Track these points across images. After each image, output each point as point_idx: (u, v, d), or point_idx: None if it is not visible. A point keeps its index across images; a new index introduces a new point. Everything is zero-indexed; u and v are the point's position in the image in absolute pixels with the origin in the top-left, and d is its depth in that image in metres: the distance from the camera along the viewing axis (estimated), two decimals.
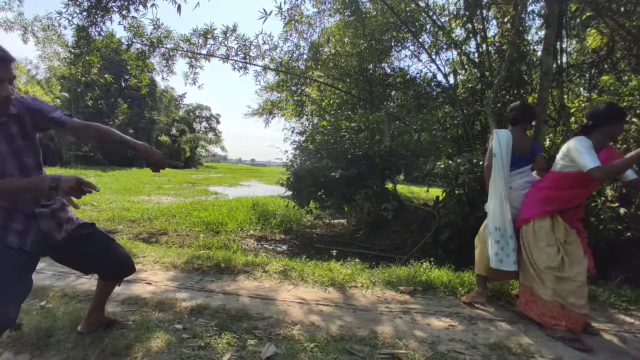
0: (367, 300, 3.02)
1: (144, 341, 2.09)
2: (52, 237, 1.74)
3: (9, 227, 1.60)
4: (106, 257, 1.93)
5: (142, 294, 2.81)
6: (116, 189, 12.46)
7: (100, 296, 2.15)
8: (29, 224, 1.66)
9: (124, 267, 2.02)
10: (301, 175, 6.78)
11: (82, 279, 3.09)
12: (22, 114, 1.63)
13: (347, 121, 7.36)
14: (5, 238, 1.59)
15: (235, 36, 7.45)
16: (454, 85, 7.42)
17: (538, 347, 2.34)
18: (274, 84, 10.49)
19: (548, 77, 4.58)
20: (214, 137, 53.14)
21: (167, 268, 3.57)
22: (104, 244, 1.94)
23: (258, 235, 7.06)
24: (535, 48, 6.32)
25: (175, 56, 7.70)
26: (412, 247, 5.91)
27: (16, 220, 1.62)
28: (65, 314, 2.33)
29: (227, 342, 2.15)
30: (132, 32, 7.08)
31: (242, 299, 2.86)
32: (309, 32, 8.86)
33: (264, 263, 3.78)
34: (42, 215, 1.71)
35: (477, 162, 4.80)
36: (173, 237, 6.07)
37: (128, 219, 7.12)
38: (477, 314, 2.84)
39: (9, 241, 1.59)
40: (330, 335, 2.32)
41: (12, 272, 1.56)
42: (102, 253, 1.91)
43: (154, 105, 34.44)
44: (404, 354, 2.13)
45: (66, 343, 2.02)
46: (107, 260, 1.94)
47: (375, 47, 8.72)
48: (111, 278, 2.07)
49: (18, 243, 1.61)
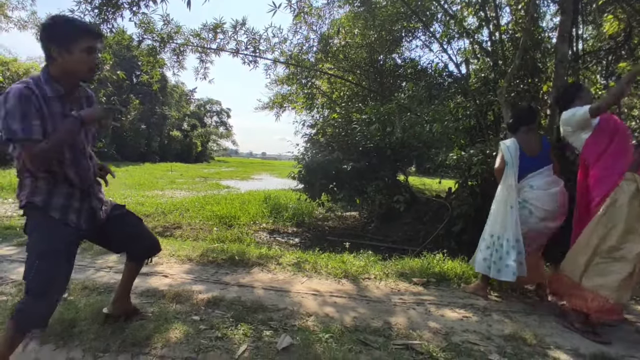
0: (381, 291, 3.03)
1: (163, 332, 2.14)
2: (98, 216, 1.90)
3: (70, 205, 1.75)
4: (138, 236, 2.10)
5: (160, 287, 2.87)
6: (130, 184, 12.65)
7: (127, 279, 2.22)
8: (83, 203, 1.81)
9: (152, 246, 2.16)
10: (312, 168, 6.80)
11: (101, 272, 3.17)
12: (92, 97, 1.91)
13: (357, 113, 7.33)
14: (67, 217, 1.73)
15: (244, 30, 7.44)
16: (466, 75, 7.31)
17: (554, 338, 2.33)
18: (284, 77, 10.46)
19: (563, 65, 4.49)
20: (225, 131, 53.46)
21: (183, 261, 3.64)
22: (136, 224, 2.11)
23: (270, 228, 7.12)
24: (550, 35, 6.18)
25: (186, 51, 7.73)
26: (424, 239, 5.90)
27: (74, 200, 1.77)
28: (87, 305, 2.39)
29: (243, 333, 2.19)
30: (142, 29, 7.14)
31: (257, 291, 2.90)
32: (319, 24, 8.80)
33: (278, 256, 3.81)
34: (93, 193, 1.86)
35: (490, 152, 4.74)
36: (187, 231, 6.16)
37: (142, 214, 7.24)
38: (492, 306, 2.83)
39: (70, 220, 1.74)
40: (345, 326, 2.34)
41: (71, 252, 1.74)
42: (134, 233, 2.08)
43: (165, 100, 34.73)
44: (418, 345, 2.14)
45: (88, 334, 2.08)
46: (138, 239, 2.10)
47: (386, 37, 8.62)
48: (140, 257, 2.19)
49: (76, 222, 1.77)
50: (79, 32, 1.65)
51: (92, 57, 1.70)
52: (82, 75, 1.72)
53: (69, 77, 1.70)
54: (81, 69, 1.68)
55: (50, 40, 1.62)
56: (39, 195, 1.68)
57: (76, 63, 1.65)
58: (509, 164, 2.86)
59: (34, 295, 1.62)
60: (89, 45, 1.67)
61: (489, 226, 2.94)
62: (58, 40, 1.62)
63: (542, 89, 5.77)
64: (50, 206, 1.69)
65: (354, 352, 2.04)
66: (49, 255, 1.64)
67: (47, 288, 1.63)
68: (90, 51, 1.68)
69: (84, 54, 1.66)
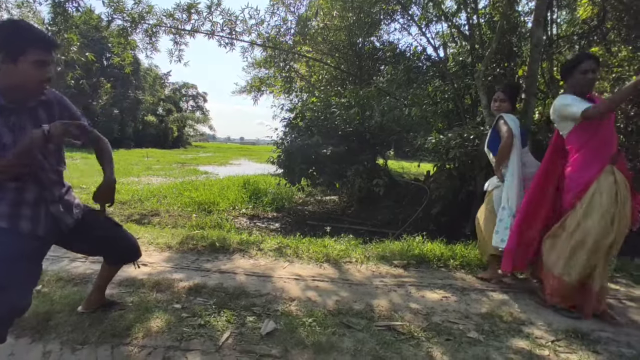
0: (362, 275, 3.07)
1: (144, 322, 2.11)
2: (62, 222, 1.77)
3: (19, 214, 1.61)
4: (113, 242, 2.01)
5: (139, 276, 2.81)
6: None
7: (102, 280, 2.17)
8: (38, 209, 1.67)
9: (130, 252, 2.09)
10: (292, 152, 6.75)
11: (76, 262, 3.08)
12: (52, 102, 1.71)
13: (337, 97, 7.28)
14: (18, 225, 1.60)
15: (220, 10, 7.22)
16: (444, 58, 7.36)
17: (528, 315, 2.43)
18: (262, 60, 10.29)
19: (538, 49, 4.56)
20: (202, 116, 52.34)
21: (162, 249, 3.57)
22: (111, 229, 2.02)
23: (250, 213, 7.07)
24: (525, 20, 6.26)
25: (159, 32, 7.44)
26: (403, 221, 5.99)
27: (25, 206, 1.62)
28: (62, 297, 2.33)
29: (226, 320, 2.18)
30: (111, 8, 6.82)
31: (239, 277, 2.89)
32: (296, 5, 8.66)
33: (259, 241, 3.80)
34: (50, 199, 1.71)
35: (468, 136, 4.82)
36: (165, 218, 6.04)
37: (118, 201, 7.05)
38: (470, 285, 2.92)
39: (22, 228, 1.60)
40: (328, 310, 2.36)
41: (27, 259, 1.59)
42: (110, 238, 2.00)
43: (139, 84, 33.55)
44: (399, 326, 2.18)
45: (65, 326, 2.02)
46: (114, 245, 2.02)
47: (364, 20, 8.54)
48: (117, 263, 2.13)
49: (31, 229, 1.63)
50: (28, 43, 1.48)
51: (43, 71, 1.54)
52: (28, 89, 1.56)
53: (15, 90, 1.54)
54: (27, 82, 1.53)
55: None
56: None
57: (22, 76, 1.50)
58: (516, 136, 2.85)
59: None
60: (39, 59, 1.51)
61: (506, 199, 2.87)
62: (4, 48, 1.47)
63: (518, 73, 5.87)
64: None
65: (338, 334, 2.06)
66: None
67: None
68: (41, 65, 1.52)
69: (31, 67, 1.50)
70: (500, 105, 3.04)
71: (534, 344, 2.05)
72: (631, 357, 1.98)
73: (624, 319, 2.43)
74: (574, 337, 2.14)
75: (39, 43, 1.51)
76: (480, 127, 5.02)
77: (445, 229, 5.07)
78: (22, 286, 1.52)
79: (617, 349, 2.04)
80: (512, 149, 2.86)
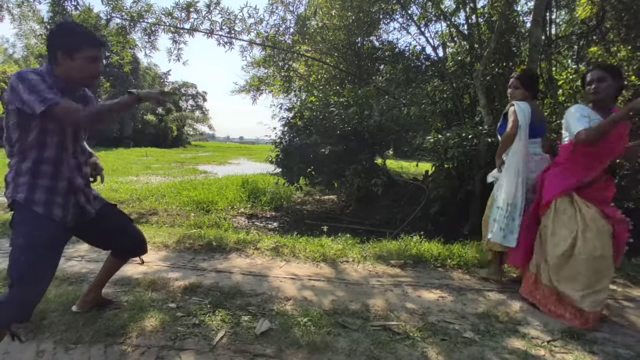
0: (359, 274, 3.06)
1: (138, 320, 2.10)
2: (86, 212, 1.89)
3: (54, 200, 1.71)
4: (127, 235, 2.12)
5: (134, 275, 2.80)
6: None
7: (106, 273, 2.22)
8: (68, 197, 1.78)
9: (140, 246, 2.17)
10: (290, 152, 6.74)
11: (72, 262, 3.07)
12: (88, 98, 1.91)
13: (335, 96, 7.27)
14: (52, 213, 1.70)
15: (219, 9, 7.22)
16: (443, 58, 7.35)
17: (524, 315, 2.42)
18: (261, 59, 10.26)
19: (537, 49, 4.56)
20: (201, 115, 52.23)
21: (159, 248, 3.56)
22: (125, 223, 2.14)
23: (249, 213, 7.06)
24: (524, 19, 6.25)
25: (158, 31, 7.44)
26: (401, 221, 5.98)
27: (57, 194, 1.72)
28: (57, 296, 2.32)
29: (221, 319, 2.17)
30: (110, 6, 6.82)
31: (235, 277, 2.88)
32: (295, 4, 8.65)
33: (256, 240, 3.79)
34: (79, 188, 1.83)
35: (467, 136, 4.81)
36: (163, 217, 6.03)
37: (117, 200, 7.03)
38: (466, 285, 2.91)
39: (55, 215, 1.71)
40: (323, 310, 2.35)
41: (56, 247, 1.74)
42: (124, 232, 2.11)
43: (138, 83, 33.48)
44: (395, 326, 2.18)
45: (59, 325, 2.02)
46: (127, 238, 2.12)
47: (364, 19, 8.53)
48: (126, 255, 2.24)
49: (62, 217, 1.74)
50: (82, 42, 1.70)
51: (94, 66, 1.75)
52: (82, 81, 1.78)
53: (69, 80, 1.74)
54: (82, 75, 1.74)
55: (56, 46, 1.68)
56: (21, 192, 1.66)
57: (78, 70, 1.71)
58: (522, 126, 2.77)
59: (17, 289, 1.59)
60: (92, 55, 1.72)
61: (505, 194, 2.81)
62: (63, 46, 1.68)
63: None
64: (32, 201, 1.66)
65: (333, 334, 2.05)
66: (31, 248, 1.62)
67: (30, 282, 1.60)
68: (93, 60, 1.73)
69: (85, 62, 1.71)
70: (513, 91, 2.97)
71: (529, 344, 2.05)
72: (628, 357, 1.97)
73: (621, 320, 2.42)
74: (569, 338, 2.13)
75: (90, 41, 1.72)
76: (479, 127, 5.01)
77: (444, 228, 5.06)
78: (51, 272, 1.71)
79: (613, 350, 2.03)
80: (514, 138, 2.80)
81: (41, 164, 1.68)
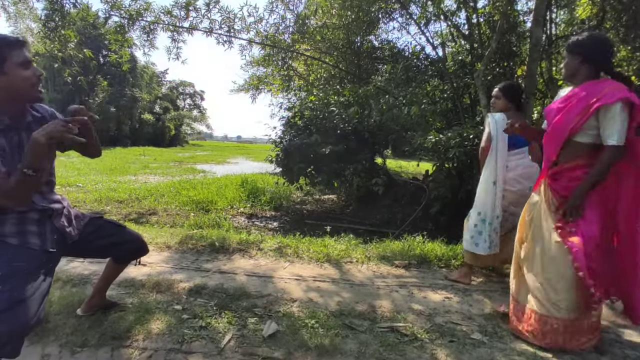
0: (363, 275, 3.06)
1: (144, 323, 2.08)
2: (68, 234, 1.76)
3: (26, 230, 1.60)
4: (121, 243, 2.02)
5: (138, 276, 2.78)
6: (101, 169, 12.21)
7: (107, 277, 2.16)
8: (43, 224, 1.67)
9: (140, 248, 2.09)
10: (290, 151, 6.73)
11: (74, 263, 3.04)
12: (46, 118, 1.68)
13: (335, 96, 7.26)
14: (27, 242, 1.59)
15: (218, 8, 7.17)
16: (443, 57, 7.34)
17: None
18: (260, 58, 10.21)
19: (537, 49, 4.56)
20: (199, 114, 52.04)
21: (161, 249, 3.54)
22: (116, 232, 2.02)
23: (248, 212, 7.05)
24: (525, 19, 6.25)
25: (156, 30, 7.39)
26: (402, 221, 5.98)
27: (29, 224, 1.62)
28: (61, 298, 2.29)
29: (227, 321, 2.15)
30: (109, 4, 6.76)
31: (240, 278, 2.87)
32: (295, 3, 8.61)
33: (259, 241, 3.77)
34: (54, 213, 1.71)
35: (467, 135, 4.81)
36: (163, 217, 6.01)
37: (115, 200, 7.01)
38: (471, 286, 2.90)
39: (31, 244, 1.60)
40: (330, 311, 2.34)
41: (40, 274, 1.57)
42: (117, 241, 2.00)
43: (135, 82, 33.29)
44: (403, 327, 2.17)
45: (64, 328, 1.99)
46: (122, 245, 2.03)
47: (363, 18, 8.49)
48: (126, 260, 2.14)
49: (40, 244, 1.63)
50: (6, 48, 1.45)
51: (32, 70, 1.52)
52: (26, 94, 1.54)
53: (13, 102, 1.52)
54: (24, 87, 1.50)
55: None
56: None
57: (15, 82, 1.48)
58: (494, 138, 2.79)
59: (1, 321, 1.40)
60: (22, 59, 1.48)
61: (475, 203, 2.90)
62: None
63: (517, 73, 5.87)
64: (4, 236, 1.56)
65: (341, 336, 2.04)
66: (10, 276, 1.48)
67: (15, 312, 1.43)
68: (25, 65, 1.49)
69: (20, 69, 1.48)
70: (495, 101, 2.97)
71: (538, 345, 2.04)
72: (635, 358, 1.97)
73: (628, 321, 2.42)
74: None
75: (14, 45, 1.47)
76: (480, 127, 5.01)
77: (444, 228, 5.07)
78: (38, 300, 1.51)
79: (620, 351, 2.04)
80: (488, 152, 2.82)
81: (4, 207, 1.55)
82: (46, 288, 1.59)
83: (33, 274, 1.54)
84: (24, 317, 1.44)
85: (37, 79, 1.54)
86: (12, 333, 1.42)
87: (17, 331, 1.43)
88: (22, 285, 1.48)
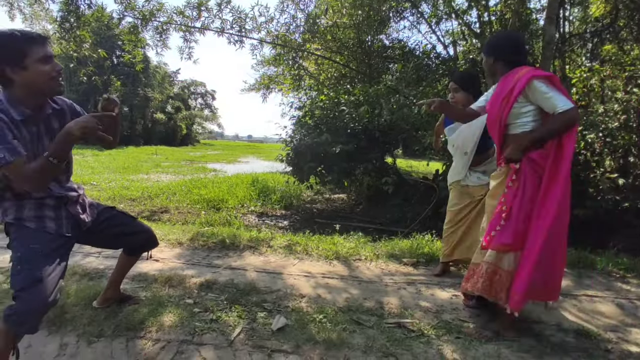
0: (372, 272, 3.08)
1: (157, 316, 2.14)
2: (82, 221, 1.85)
3: (43, 215, 1.70)
4: (132, 234, 2.07)
5: (151, 271, 2.85)
6: (114, 167, 12.43)
7: (120, 270, 2.22)
8: (59, 210, 1.75)
9: (149, 239, 2.14)
10: (301, 150, 6.76)
11: (90, 257, 3.13)
12: (65, 110, 1.76)
13: (346, 95, 7.28)
14: (44, 226, 1.69)
15: (230, 8, 7.25)
16: (454, 56, 7.32)
17: (538, 314, 2.41)
18: (271, 57, 10.30)
19: (550, 47, 4.53)
20: (210, 113, 52.55)
21: (173, 245, 3.61)
22: (128, 223, 2.08)
23: (259, 211, 7.13)
24: (537, 17, 6.20)
25: (169, 30, 7.50)
26: (412, 220, 5.98)
27: (47, 209, 1.71)
28: (78, 291, 2.38)
29: (237, 315, 2.21)
30: (123, 5, 6.89)
31: (250, 274, 2.92)
32: (306, 3, 8.63)
33: (269, 238, 3.82)
34: (69, 200, 1.79)
35: None
36: (175, 215, 6.12)
37: (128, 198, 7.15)
38: None
39: (48, 228, 1.69)
40: (338, 307, 2.38)
41: (56, 256, 1.67)
42: (128, 232, 2.05)
43: (148, 82, 33.76)
44: (410, 323, 2.19)
45: (81, 319, 2.07)
46: (133, 236, 2.08)
47: (374, 17, 8.51)
48: (137, 251, 2.19)
49: (56, 229, 1.72)
50: (25, 44, 1.48)
51: (52, 65, 1.55)
52: (47, 88, 1.58)
53: (34, 95, 1.58)
54: (44, 82, 1.54)
55: (1, 63, 1.48)
56: (10, 214, 1.65)
57: (36, 77, 1.52)
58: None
59: (20, 299, 1.52)
60: (42, 54, 1.51)
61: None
62: (8, 60, 1.47)
63: None
64: (23, 219, 1.66)
65: (348, 331, 2.08)
66: (30, 258, 1.58)
67: (33, 290, 1.53)
68: (46, 60, 1.52)
69: (40, 65, 1.51)
70: (452, 96, 2.76)
71: (544, 342, 2.05)
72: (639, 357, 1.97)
73: (634, 320, 2.41)
74: (584, 337, 2.13)
75: (34, 41, 1.50)
76: None
77: None
78: (54, 280, 1.60)
79: (627, 349, 2.03)
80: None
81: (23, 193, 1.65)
82: (61, 270, 1.68)
83: (49, 256, 1.63)
84: (42, 296, 1.53)
85: (57, 73, 1.58)
86: (31, 311, 1.53)
87: (36, 309, 1.54)
88: (40, 266, 1.57)
